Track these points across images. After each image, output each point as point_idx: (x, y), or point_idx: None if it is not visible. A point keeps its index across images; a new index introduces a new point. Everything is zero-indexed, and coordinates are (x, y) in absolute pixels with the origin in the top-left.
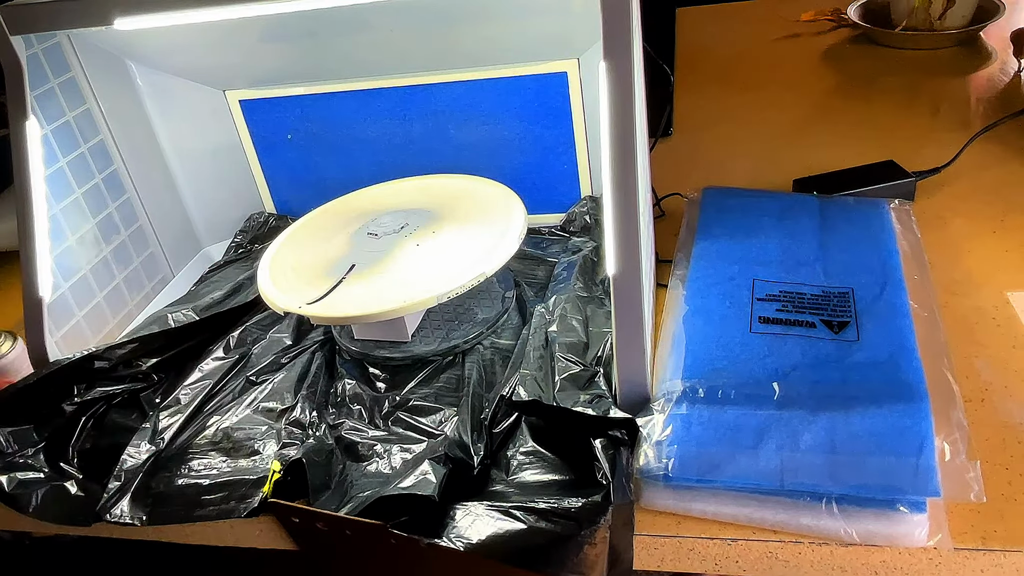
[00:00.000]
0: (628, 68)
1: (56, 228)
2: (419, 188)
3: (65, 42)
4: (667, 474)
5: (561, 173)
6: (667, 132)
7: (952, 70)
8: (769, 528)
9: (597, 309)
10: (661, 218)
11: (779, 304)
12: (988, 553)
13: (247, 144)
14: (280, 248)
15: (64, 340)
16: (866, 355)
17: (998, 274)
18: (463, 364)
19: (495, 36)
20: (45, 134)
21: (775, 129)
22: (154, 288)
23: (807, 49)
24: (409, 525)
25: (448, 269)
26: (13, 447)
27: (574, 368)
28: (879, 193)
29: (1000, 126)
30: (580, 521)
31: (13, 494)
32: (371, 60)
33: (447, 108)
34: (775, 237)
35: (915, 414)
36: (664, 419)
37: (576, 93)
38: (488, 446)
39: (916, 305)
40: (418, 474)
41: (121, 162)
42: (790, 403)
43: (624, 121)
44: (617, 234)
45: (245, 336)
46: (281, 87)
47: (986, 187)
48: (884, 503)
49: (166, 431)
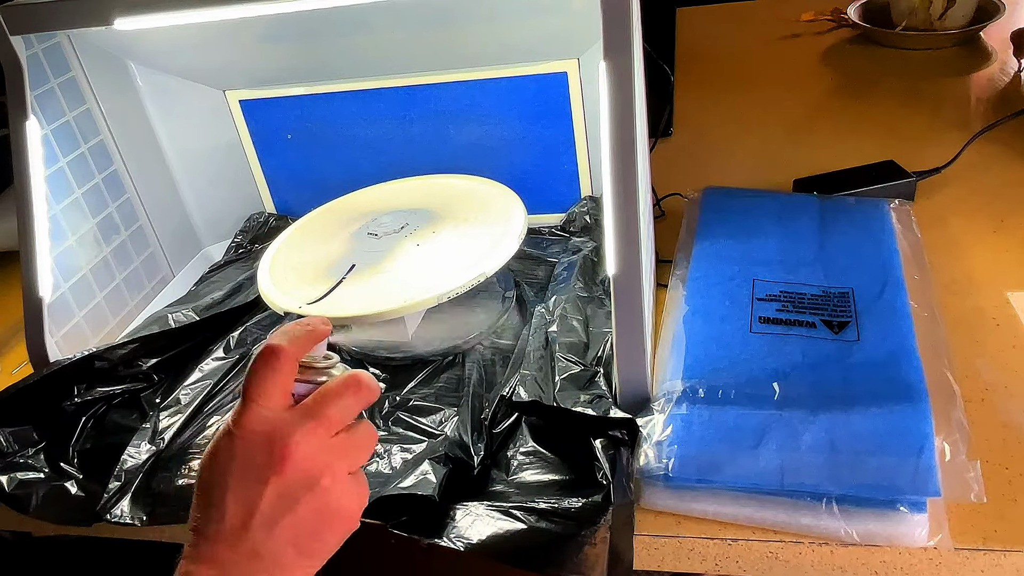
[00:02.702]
0: (628, 68)
1: (56, 228)
2: (419, 188)
3: (65, 42)
4: (667, 474)
5: (561, 173)
6: (667, 132)
7: (952, 70)
8: (769, 528)
9: (597, 309)
10: (661, 218)
11: (779, 304)
12: (988, 553)
13: (247, 144)
14: (280, 248)
15: (64, 340)
16: (866, 355)
17: (998, 274)
18: (463, 364)
19: (495, 36)
20: (45, 134)
21: (775, 129)
22: (154, 288)
23: (807, 49)
24: (409, 525)
25: (448, 269)
26: (13, 447)
27: (574, 368)
28: (879, 193)
29: (1000, 126)
30: (580, 521)
31: (13, 494)
32: (371, 60)
33: (447, 108)
34: (775, 237)
35: (915, 414)
36: (664, 419)
37: (576, 93)
38: (488, 446)
39: (916, 305)
40: (418, 474)
41: (121, 162)
42: (790, 403)
43: (624, 121)
44: (617, 234)
45: (245, 336)
46: (281, 87)
47: (986, 187)
48: (884, 503)
49: (166, 431)
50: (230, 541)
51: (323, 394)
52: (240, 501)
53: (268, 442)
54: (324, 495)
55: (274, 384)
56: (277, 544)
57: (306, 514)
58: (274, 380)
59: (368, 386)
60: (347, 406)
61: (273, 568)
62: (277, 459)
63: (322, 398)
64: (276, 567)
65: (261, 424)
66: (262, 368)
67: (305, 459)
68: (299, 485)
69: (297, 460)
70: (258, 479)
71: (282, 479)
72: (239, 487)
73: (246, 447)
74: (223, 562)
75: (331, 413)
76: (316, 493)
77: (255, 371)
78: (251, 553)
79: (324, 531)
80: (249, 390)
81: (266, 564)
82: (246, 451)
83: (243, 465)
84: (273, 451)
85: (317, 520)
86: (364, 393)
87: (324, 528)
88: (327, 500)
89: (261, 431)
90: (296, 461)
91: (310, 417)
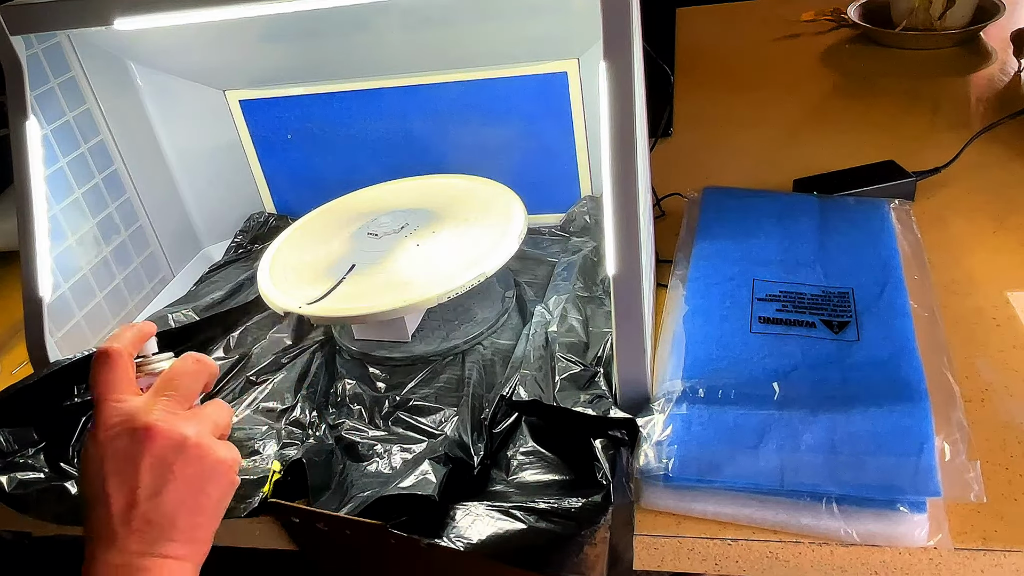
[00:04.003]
0: (628, 68)
1: (56, 228)
2: (419, 188)
3: (65, 42)
4: (667, 474)
5: (561, 173)
6: (667, 132)
7: (952, 70)
8: (769, 528)
9: (597, 309)
10: (661, 218)
11: (779, 304)
12: (988, 553)
13: (247, 144)
14: (280, 248)
15: (64, 340)
16: (866, 355)
17: (998, 274)
18: (463, 364)
19: (495, 36)
20: (45, 134)
21: (775, 129)
22: (154, 288)
23: (807, 49)
24: (409, 525)
25: (448, 269)
26: (13, 447)
27: (574, 368)
28: (879, 193)
29: (1000, 126)
30: (580, 521)
31: (13, 494)
32: (371, 60)
33: (447, 108)
34: (775, 237)
35: (915, 414)
36: (664, 419)
37: (576, 93)
38: (488, 446)
39: (916, 305)
40: (418, 474)
41: (121, 162)
42: (790, 403)
43: (624, 121)
44: (617, 234)
45: (245, 336)
46: (281, 87)
47: (986, 187)
48: (884, 503)
49: None
50: (122, 520)
51: (167, 374)
52: (120, 485)
53: (130, 427)
54: (196, 452)
55: (117, 378)
56: (166, 507)
57: (184, 474)
58: (116, 375)
59: (203, 360)
60: (189, 382)
61: (170, 530)
62: (141, 438)
63: (165, 380)
64: (172, 528)
65: (118, 415)
66: (100, 369)
67: (167, 430)
68: (169, 451)
69: (160, 432)
70: (130, 461)
71: (152, 452)
72: (116, 475)
73: (111, 440)
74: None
75: (178, 388)
76: (187, 452)
77: (95, 375)
78: (144, 522)
79: (206, 484)
80: (97, 391)
81: (162, 527)
82: (112, 444)
83: (113, 456)
84: (136, 433)
85: (198, 477)
86: (203, 367)
87: (205, 481)
88: (200, 456)
89: (120, 421)
90: (160, 433)
91: (159, 395)
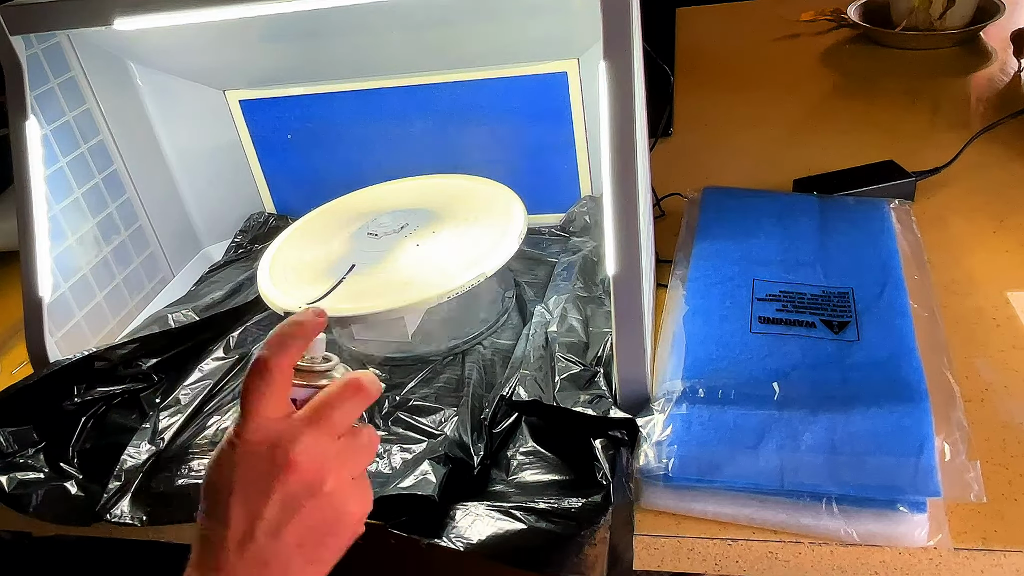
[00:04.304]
0: (628, 68)
1: (56, 228)
2: (419, 188)
3: (65, 42)
4: (667, 474)
5: (561, 173)
6: (667, 132)
7: (952, 70)
8: (769, 528)
9: (597, 309)
10: (661, 218)
11: (779, 304)
12: (988, 553)
13: (247, 144)
14: (280, 248)
15: (64, 340)
16: (866, 355)
17: (998, 274)
18: (463, 364)
19: (495, 36)
20: (45, 134)
21: (775, 129)
22: (154, 288)
23: (807, 49)
24: (409, 525)
25: (448, 269)
26: (13, 447)
27: (574, 368)
28: (879, 193)
29: (1000, 126)
30: (580, 521)
31: (13, 494)
32: (371, 60)
33: (447, 108)
34: (775, 237)
35: (915, 414)
36: (664, 419)
37: (576, 93)
38: (488, 446)
39: (916, 305)
40: (418, 474)
41: (121, 162)
42: (790, 403)
43: (624, 121)
44: (617, 234)
45: (245, 336)
46: (281, 87)
47: (986, 187)
48: (884, 503)
49: (166, 431)
50: (236, 548)
51: (323, 400)
52: (245, 509)
53: (270, 451)
54: (328, 501)
55: (269, 396)
56: (283, 551)
57: (310, 521)
58: (268, 393)
59: (368, 388)
60: (348, 410)
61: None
62: (280, 468)
63: (322, 404)
64: (283, 574)
65: (262, 434)
66: (254, 383)
67: (307, 466)
68: (303, 492)
69: (300, 468)
70: (261, 488)
71: (285, 487)
72: (243, 496)
73: (248, 457)
74: (230, 569)
75: (332, 419)
76: (320, 499)
77: (248, 387)
78: (258, 560)
79: (329, 537)
80: (245, 405)
81: (272, 571)
82: (248, 461)
83: (246, 474)
84: (275, 460)
85: (322, 526)
86: (364, 396)
87: (329, 534)
88: (331, 506)
89: (262, 441)
90: (299, 469)
91: (311, 424)
